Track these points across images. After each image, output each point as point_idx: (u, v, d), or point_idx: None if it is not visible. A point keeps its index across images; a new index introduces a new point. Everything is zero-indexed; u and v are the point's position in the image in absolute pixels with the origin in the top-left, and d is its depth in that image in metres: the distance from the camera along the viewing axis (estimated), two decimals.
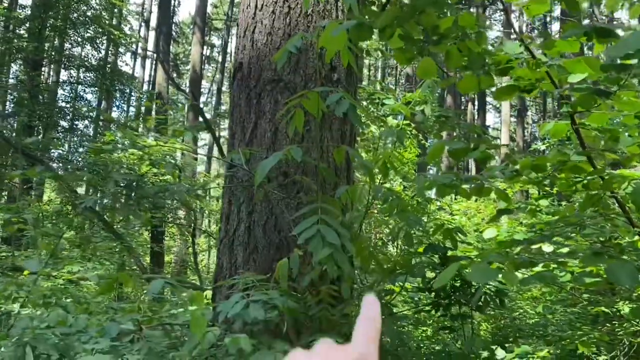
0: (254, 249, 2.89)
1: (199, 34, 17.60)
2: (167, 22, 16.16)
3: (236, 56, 3.25)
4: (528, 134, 27.68)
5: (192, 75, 17.61)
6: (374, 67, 29.76)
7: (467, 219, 9.65)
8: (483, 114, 22.50)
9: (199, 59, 17.65)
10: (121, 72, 16.34)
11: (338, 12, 3.06)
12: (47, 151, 11.20)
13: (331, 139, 3.00)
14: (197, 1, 17.33)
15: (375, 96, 5.60)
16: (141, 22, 30.66)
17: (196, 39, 17.65)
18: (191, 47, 19.56)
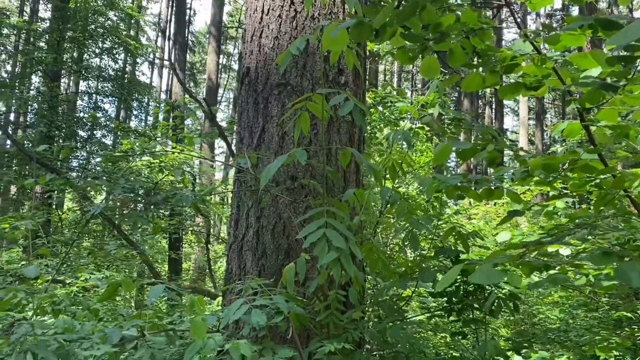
0: (262, 254, 2.87)
1: (215, 43, 17.75)
2: (182, 32, 16.33)
3: (244, 61, 3.24)
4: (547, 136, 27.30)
5: (208, 84, 17.76)
6: (389, 72, 29.68)
7: (485, 222, 9.53)
8: (501, 117, 22.27)
9: (214, 67, 17.80)
10: (138, 82, 16.54)
11: (344, 15, 3.04)
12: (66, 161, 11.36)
13: (339, 142, 2.98)
14: (212, 10, 17.49)
15: (387, 99, 5.56)
16: (158, 32, 31.05)
17: (212, 48, 17.80)
18: (207, 56, 19.72)
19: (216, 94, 19.38)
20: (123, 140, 11.48)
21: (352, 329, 2.31)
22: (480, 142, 2.16)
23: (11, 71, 20.50)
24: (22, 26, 13.58)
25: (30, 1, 21.79)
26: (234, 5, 27.86)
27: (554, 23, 24.72)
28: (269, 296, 2.03)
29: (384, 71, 28.32)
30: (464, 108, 18.96)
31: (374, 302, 2.69)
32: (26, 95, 13.90)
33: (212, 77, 17.72)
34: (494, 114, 22.37)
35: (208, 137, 6.47)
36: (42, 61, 12.61)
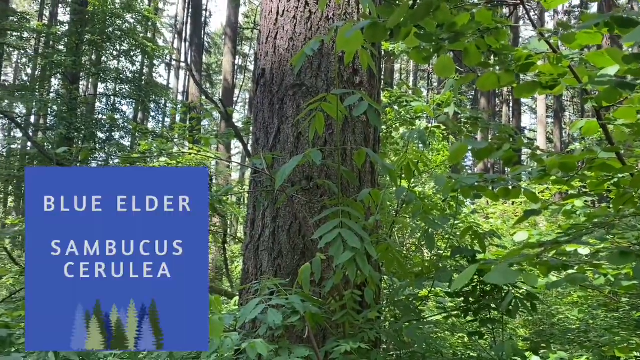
0: (278, 254, 2.89)
1: (230, 44, 17.88)
2: (198, 33, 16.47)
3: (259, 62, 3.27)
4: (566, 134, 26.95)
5: (224, 85, 17.90)
6: (405, 71, 29.57)
7: (502, 222, 9.45)
8: (518, 115, 22.05)
9: (230, 68, 17.93)
10: (156, 84, 16.73)
11: (359, 15, 3.04)
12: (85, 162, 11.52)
13: (354, 142, 2.98)
14: (228, 12, 17.60)
15: (403, 99, 5.55)
16: (174, 34, 31.34)
17: (227, 49, 17.93)
18: (223, 58, 19.86)
19: (232, 95, 19.51)
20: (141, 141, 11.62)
21: (368, 329, 2.31)
22: (497, 141, 2.15)
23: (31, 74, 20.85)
24: (41, 30, 13.82)
25: (49, 5, 22.16)
26: (249, 7, 28.00)
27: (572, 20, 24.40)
28: (285, 296, 2.05)
29: (400, 70, 28.23)
30: (480, 107, 18.82)
31: (390, 301, 2.69)
32: (46, 98, 14.14)
33: (228, 78, 17.86)
34: (512, 112, 22.15)
35: (224, 138, 6.52)
36: (62, 64, 12.82)
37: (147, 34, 18.31)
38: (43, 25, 14.56)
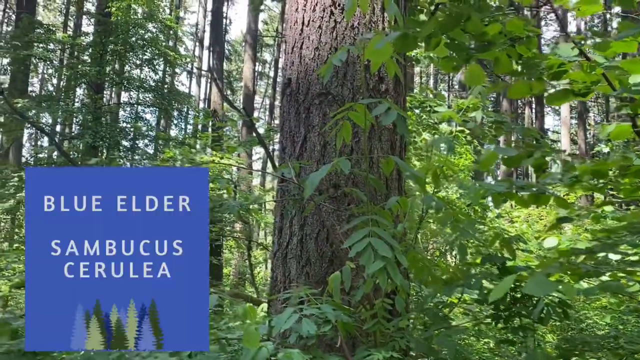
0: (306, 262, 2.91)
1: (251, 51, 18.03)
2: (219, 41, 16.64)
3: (284, 72, 3.30)
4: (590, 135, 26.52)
5: (245, 92, 18.05)
6: (425, 74, 29.44)
7: (527, 226, 9.34)
8: (541, 117, 21.77)
9: (251, 75, 18.07)
10: (178, 92, 16.92)
11: (384, 24, 3.05)
12: None
13: (381, 149, 2.99)
14: (248, 19, 17.75)
15: (426, 104, 5.54)
16: (195, 42, 31.71)
17: (248, 56, 18.09)
18: (243, 64, 20.03)
19: (253, 101, 19.65)
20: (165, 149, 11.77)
21: (398, 338, 2.31)
22: (526, 148, 2.14)
23: (57, 84, 21.29)
24: (67, 41, 14.12)
25: (73, 17, 22.62)
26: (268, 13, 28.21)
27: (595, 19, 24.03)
28: (316, 305, 2.06)
29: (420, 73, 28.12)
30: (502, 109, 18.64)
31: (419, 309, 2.69)
32: (71, 107, 14.42)
33: (248, 85, 18.00)
34: (534, 114, 21.88)
35: (248, 145, 6.58)
36: (86, 74, 13.07)
37: (168, 43, 18.56)
38: (68, 36, 14.87)
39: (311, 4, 3.10)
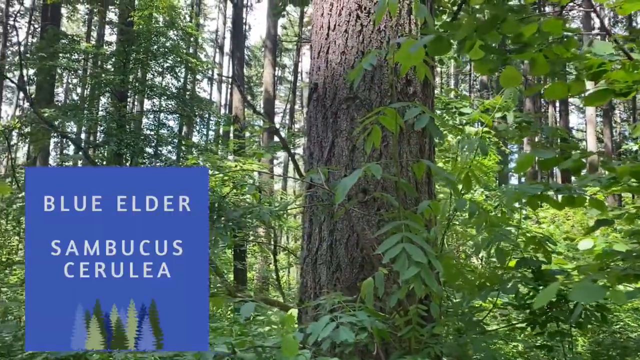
0: (337, 268, 2.89)
1: (270, 56, 18.11)
2: (240, 48, 16.75)
3: (311, 77, 3.29)
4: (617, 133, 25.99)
5: (265, 96, 18.12)
6: (445, 75, 29.22)
7: (555, 226, 9.18)
8: (566, 115, 21.41)
9: (271, 80, 18.15)
10: (200, 98, 17.06)
11: (411, 26, 3.03)
12: None
13: (409, 153, 2.96)
14: (267, 24, 17.84)
15: (451, 105, 5.49)
16: (215, 48, 31.99)
17: (268, 61, 18.17)
18: (263, 70, 20.13)
19: (273, 106, 19.72)
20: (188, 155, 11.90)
21: (433, 344, 2.28)
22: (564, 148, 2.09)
23: (81, 93, 21.66)
24: (90, 51, 14.36)
25: (96, 27, 23.01)
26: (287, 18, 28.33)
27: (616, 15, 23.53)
28: (349, 311, 2.04)
29: (440, 74, 27.92)
30: (526, 108, 18.39)
31: (454, 314, 2.65)
32: (96, 116, 14.65)
33: (269, 90, 18.08)
34: (559, 112, 21.52)
35: (272, 150, 6.60)
36: (110, 83, 13.26)
37: (189, 50, 18.76)
38: (92, 46, 15.12)
39: (337, 9, 3.09)
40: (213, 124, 22.50)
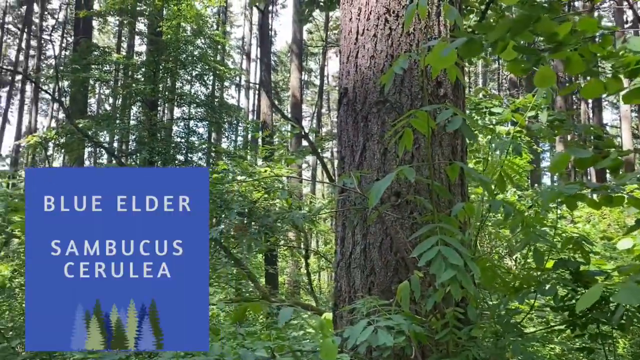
0: (371, 271, 2.89)
1: (297, 61, 18.22)
2: (266, 54, 16.90)
3: (340, 82, 3.31)
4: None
5: (292, 101, 18.23)
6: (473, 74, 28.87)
7: (591, 226, 8.97)
8: (599, 111, 20.90)
9: (298, 84, 18.25)
10: (228, 105, 17.28)
11: (440, 28, 3.02)
12: None
13: (442, 155, 2.95)
14: (293, 29, 17.96)
15: (481, 105, 5.43)
16: (242, 55, 32.33)
17: (294, 66, 18.28)
18: (290, 74, 20.25)
19: (300, 110, 19.83)
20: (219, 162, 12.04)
21: (471, 347, 2.27)
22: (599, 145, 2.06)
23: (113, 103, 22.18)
24: (121, 61, 14.69)
25: (126, 37, 23.54)
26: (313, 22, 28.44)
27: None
28: (388, 315, 2.05)
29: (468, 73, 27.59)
30: (557, 105, 18.02)
31: (491, 317, 2.62)
32: (128, 125, 14.97)
33: (296, 94, 18.18)
34: (591, 108, 21.03)
35: (301, 155, 6.64)
36: (141, 92, 13.55)
37: (217, 57, 19.00)
38: (123, 57, 15.46)
39: (365, 13, 3.10)
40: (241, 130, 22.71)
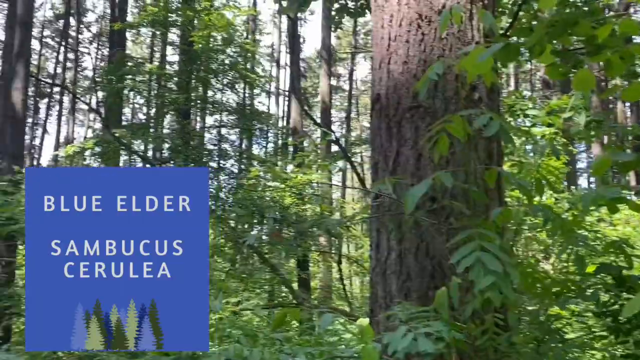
0: (407, 277, 2.89)
1: (326, 66, 18.30)
2: (296, 61, 17.03)
3: (372, 88, 3.32)
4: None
5: (322, 107, 18.32)
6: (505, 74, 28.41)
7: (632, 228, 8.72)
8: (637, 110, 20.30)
9: (327, 90, 18.32)
10: (259, 112, 17.46)
11: (473, 32, 3.00)
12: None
13: (477, 159, 2.93)
14: (322, 35, 18.05)
15: (515, 107, 5.36)
16: (272, 62, 32.64)
17: (323, 72, 18.37)
18: (319, 80, 20.35)
19: (330, 115, 19.87)
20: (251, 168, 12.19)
21: (511, 353, 2.24)
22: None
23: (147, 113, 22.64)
24: (155, 72, 15.02)
25: (159, 48, 24.04)
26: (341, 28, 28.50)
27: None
28: (426, 322, 2.05)
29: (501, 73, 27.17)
30: (592, 106, 17.60)
31: (531, 323, 2.59)
32: (162, 134, 15.28)
33: (325, 100, 18.26)
34: (630, 108, 20.46)
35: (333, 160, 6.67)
36: (175, 102, 13.81)
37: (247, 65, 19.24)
38: (157, 67, 15.80)
39: (397, 19, 3.11)
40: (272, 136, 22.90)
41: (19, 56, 11.63)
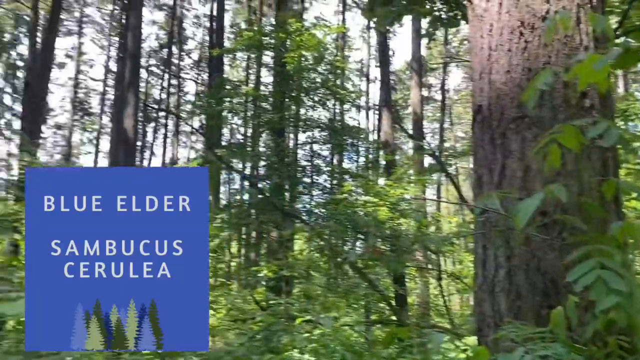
0: (517, 296, 2.76)
1: (417, 77, 18.13)
2: (386, 74, 17.02)
3: (473, 100, 3.25)
4: None
5: (413, 118, 18.15)
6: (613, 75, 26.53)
7: None
8: None
9: (418, 101, 18.13)
10: (350, 127, 17.58)
11: (582, 36, 2.85)
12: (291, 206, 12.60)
13: (591, 169, 2.75)
14: (412, 47, 17.93)
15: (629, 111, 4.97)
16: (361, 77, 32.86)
17: (414, 83, 18.21)
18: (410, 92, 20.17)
19: (422, 127, 19.61)
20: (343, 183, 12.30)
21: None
22: None
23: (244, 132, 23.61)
24: (251, 93, 15.66)
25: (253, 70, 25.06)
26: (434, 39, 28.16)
27: None
28: (543, 343, 1.95)
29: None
30: None
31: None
32: (259, 152, 15.85)
33: (416, 111, 18.06)
34: None
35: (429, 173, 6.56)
36: (270, 121, 14.30)
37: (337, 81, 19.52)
38: (253, 90, 16.48)
39: (497, 28, 3.03)
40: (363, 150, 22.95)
41: (130, 86, 12.65)
